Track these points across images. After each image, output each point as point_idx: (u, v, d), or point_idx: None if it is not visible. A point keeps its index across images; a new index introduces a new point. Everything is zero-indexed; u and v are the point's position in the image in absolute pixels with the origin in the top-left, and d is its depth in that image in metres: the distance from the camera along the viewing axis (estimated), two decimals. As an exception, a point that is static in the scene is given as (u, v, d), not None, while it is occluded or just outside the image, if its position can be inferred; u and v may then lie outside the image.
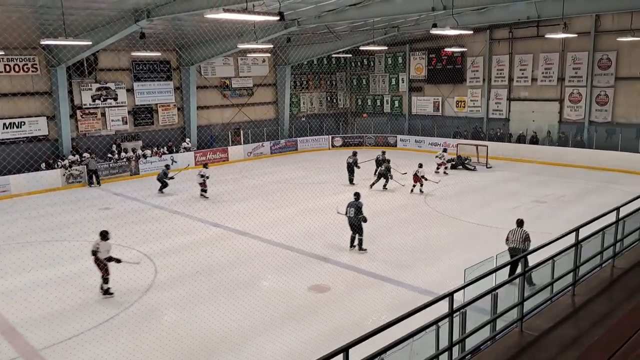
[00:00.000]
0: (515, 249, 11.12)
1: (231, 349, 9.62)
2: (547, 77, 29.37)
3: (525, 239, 11.26)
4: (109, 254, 12.02)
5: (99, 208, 20.39)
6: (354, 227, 14.84)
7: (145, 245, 15.34)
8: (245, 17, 12.11)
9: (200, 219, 18.47)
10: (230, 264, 13.92)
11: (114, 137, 27.76)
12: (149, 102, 29.18)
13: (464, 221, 17.67)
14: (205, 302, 11.59)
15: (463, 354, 5.87)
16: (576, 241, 7.20)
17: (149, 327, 10.51)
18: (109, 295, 12.12)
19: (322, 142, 35.57)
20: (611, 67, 26.97)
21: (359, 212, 14.65)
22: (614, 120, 27.21)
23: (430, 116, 35.18)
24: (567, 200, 20.09)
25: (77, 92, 26.34)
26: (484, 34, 31.36)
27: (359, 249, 14.81)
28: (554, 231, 10.10)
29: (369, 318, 10.77)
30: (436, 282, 12.21)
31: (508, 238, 11.72)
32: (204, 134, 31.37)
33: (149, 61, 28.62)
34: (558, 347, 5.83)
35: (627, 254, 8.70)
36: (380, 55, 37.55)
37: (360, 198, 15.16)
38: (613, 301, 6.97)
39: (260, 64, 34.07)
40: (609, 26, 26.66)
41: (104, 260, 11.96)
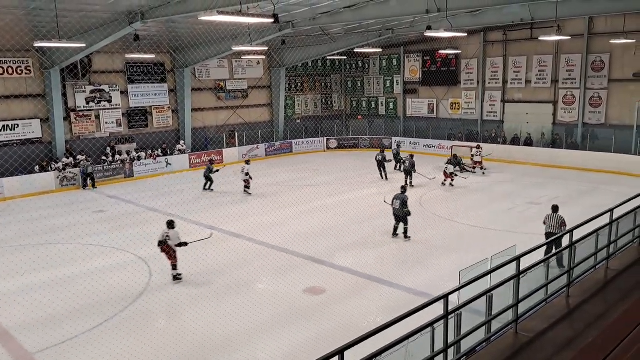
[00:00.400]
0: (552, 233, 11.97)
1: (226, 352, 9.60)
2: (541, 79, 29.49)
3: (562, 224, 12.31)
4: (179, 241, 13.00)
5: (93, 211, 20.32)
6: (398, 217, 16.07)
7: (139, 248, 15.27)
8: (239, 19, 12.11)
9: (195, 222, 18.42)
10: (225, 266, 13.89)
11: (109, 139, 27.67)
12: (144, 104, 29.12)
13: (458, 223, 17.70)
14: (199, 305, 11.56)
15: (458, 356, 5.88)
16: (570, 242, 7.23)
17: (143, 331, 10.47)
18: (179, 279, 13.06)
19: (317, 144, 35.58)
20: (604, 69, 27.10)
21: (404, 205, 15.82)
22: (608, 122, 27.34)
23: (425, 118, 35.24)
24: (561, 202, 20.05)
25: (71, 95, 26.25)
26: (478, 37, 31.46)
27: (405, 237, 15.93)
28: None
29: (364, 320, 10.76)
30: (431, 284, 12.22)
31: (545, 222, 13.15)
32: (199, 136, 31.33)
33: (143, 63, 28.57)
34: (553, 349, 5.84)
35: (621, 255, 8.73)
36: (375, 58, 37.61)
37: (406, 192, 16.47)
38: (607, 302, 6.99)
39: (254, 66, 34.06)
40: (602, 28, 26.79)
41: (174, 247, 12.95)
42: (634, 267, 8.19)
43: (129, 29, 19.84)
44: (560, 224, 12.23)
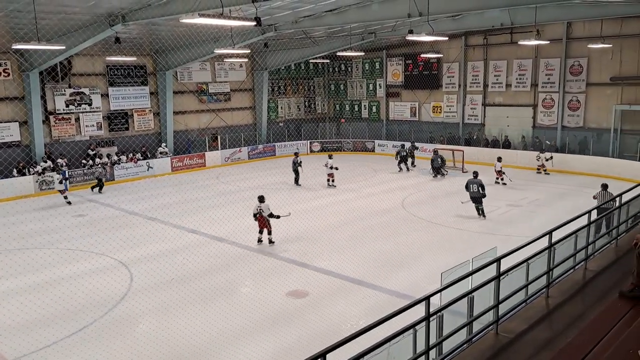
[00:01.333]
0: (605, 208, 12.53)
1: (209, 357, 9.55)
2: (521, 83, 29.83)
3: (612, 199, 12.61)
4: (269, 211, 15.72)
5: (73, 215, 20.10)
6: (476, 199, 18.44)
7: (120, 252, 15.16)
8: (221, 22, 12.07)
9: (177, 226, 18.33)
10: (208, 270, 13.83)
11: (89, 142, 27.39)
12: (124, 107, 28.90)
13: (440, 225, 17.83)
14: (181, 309, 11.49)
15: (440, 357, 5.92)
16: (549, 244, 7.32)
17: (124, 336, 10.38)
18: (272, 243, 15.89)
19: (300, 147, 35.51)
20: (582, 73, 27.50)
21: (482, 188, 18.23)
22: (586, 125, 27.73)
23: (407, 121, 35.44)
24: (540, 204, 20.38)
25: (51, 97, 25.96)
26: (459, 41, 31.75)
27: (482, 216, 18.40)
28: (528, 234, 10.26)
29: (347, 323, 10.78)
30: (412, 285, 12.28)
31: (595, 197, 14.98)
32: (181, 139, 31.16)
33: (124, 66, 28.35)
34: (533, 349, 5.91)
35: (599, 256, 8.86)
36: (357, 61, 37.74)
37: (478, 176, 18.67)
38: (585, 303, 7.09)
39: (237, 69, 33.99)
40: (580, 33, 27.20)
41: (266, 217, 15.68)
42: (611, 268, 8.31)
43: (109, 31, 19.68)
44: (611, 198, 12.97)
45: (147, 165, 27.86)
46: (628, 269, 6.91)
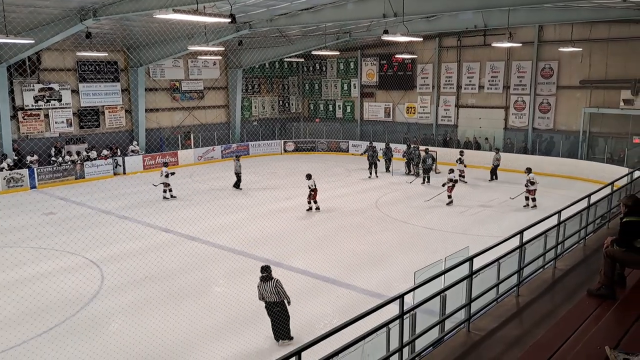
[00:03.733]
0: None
1: (181, 356, 9.48)
2: (494, 85, 30.24)
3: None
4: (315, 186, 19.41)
5: (43, 213, 19.71)
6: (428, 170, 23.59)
7: (91, 251, 14.94)
8: (195, 18, 12.00)
9: (150, 224, 18.13)
10: (180, 269, 13.72)
11: (58, 139, 26.89)
12: (95, 104, 28.45)
13: (413, 225, 17.98)
14: (153, 309, 11.37)
15: (413, 355, 5.97)
16: (520, 243, 7.43)
17: (94, 336, 10.25)
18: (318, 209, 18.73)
19: (274, 146, 35.51)
20: (553, 76, 28.01)
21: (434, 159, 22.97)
22: (556, 127, 28.25)
23: (381, 122, 35.63)
24: (511, 205, 20.68)
25: (19, 93, 25.41)
26: (433, 42, 32.04)
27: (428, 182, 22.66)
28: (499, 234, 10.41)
29: (320, 321, 10.80)
30: (385, 284, 12.37)
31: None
32: (153, 137, 30.80)
33: (95, 62, 27.92)
34: (503, 347, 6.00)
35: (567, 255, 9.02)
36: (332, 60, 37.81)
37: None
38: (554, 301, 7.22)
39: (211, 66, 33.72)
40: (551, 37, 27.70)
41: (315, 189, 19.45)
42: (579, 266, 8.48)
43: (80, 26, 19.36)
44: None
45: (115, 162, 27.46)
46: (595, 268, 7.06)
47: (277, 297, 9.85)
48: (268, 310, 10.01)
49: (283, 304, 9.95)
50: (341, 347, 4.76)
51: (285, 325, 9.97)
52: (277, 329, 9.99)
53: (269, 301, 9.92)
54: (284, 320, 9.95)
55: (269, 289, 9.85)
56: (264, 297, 9.96)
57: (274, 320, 9.99)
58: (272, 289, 9.84)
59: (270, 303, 9.92)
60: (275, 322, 9.98)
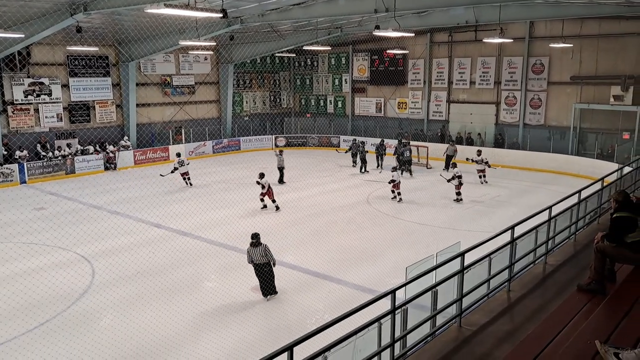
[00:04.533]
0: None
1: (172, 351, 9.47)
2: (485, 81, 30.32)
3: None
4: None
5: (33, 208, 19.60)
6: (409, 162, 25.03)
7: (82, 246, 14.85)
8: (186, 13, 11.93)
9: (141, 220, 18.07)
10: (172, 265, 13.69)
11: (48, 134, 26.69)
12: (86, 98, 28.24)
13: (404, 220, 18.02)
14: (145, 304, 11.35)
15: (404, 350, 6.00)
16: (511, 239, 7.47)
17: (86, 331, 10.22)
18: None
19: (265, 142, 35.44)
20: (544, 72, 28.11)
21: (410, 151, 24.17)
22: (547, 122, 28.39)
23: (372, 117, 35.64)
24: (502, 200, 20.79)
25: (8, 87, 25.19)
26: (424, 37, 32.05)
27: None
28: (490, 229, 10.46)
29: (312, 317, 10.82)
30: (377, 280, 12.40)
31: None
32: (145, 132, 30.65)
33: (86, 56, 27.71)
34: (494, 341, 6.04)
35: (558, 251, 9.09)
36: (323, 56, 37.74)
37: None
38: (545, 296, 7.27)
39: (202, 61, 33.58)
40: (542, 33, 27.79)
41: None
42: (570, 262, 8.54)
43: (70, 20, 19.18)
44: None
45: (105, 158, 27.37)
46: (586, 263, 7.11)
47: (265, 259, 11.63)
48: (257, 271, 11.73)
49: (269, 265, 11.69)
50: (333, 342, 4.78)
51: (272, 283, 11.79)
52: (265, 286, 11.69)
53: (258, 263, 11.63)
54: (270, 278, 11.77)
55: (259, 253, 11.59)
56: (254, 260, 11.66)
57: (263, 279, 11.67)
58: (262, 252, 11.59)
59: (259, 264, 11.65)
60: (263, 281, 11.67)
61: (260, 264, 11.63)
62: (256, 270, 11.76)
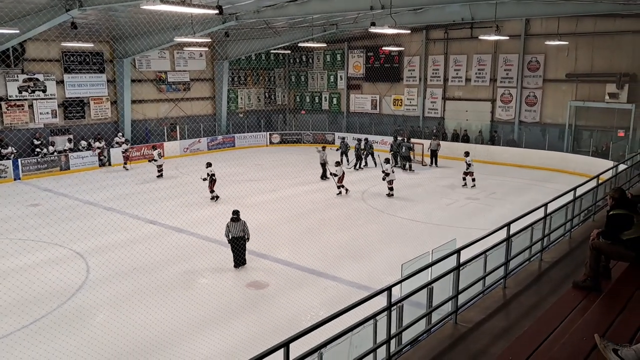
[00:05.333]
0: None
1: (168, 347, 9.45)
2: (480, 78, 30.35)
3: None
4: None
5: (27, 204, 19.51)
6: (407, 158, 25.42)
7: (77, 242, 14.82)
8: (182, 9, 11.88)
9: (135, 216, 18.02)
10: (167, 261, 13.66)
11: (43, 130, 26.56)
12: (81, 95, 28.11)
13: (399, 217, 18.02)
14: (140, 300, 11.33)
15: (400, 347, 5.99)
16: (507, 236, 7.48)
17: (80, 328, 10.18)
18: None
19: (260, 138, 35.40)
20: (540, 70, 28.16)
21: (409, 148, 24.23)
22: (542, 120, 28.44)
23: (368, 114, 35.63)
24: (498, 198, 20.83)
25: (2, 83, 25.02)
26: (420, 34, 32.05)
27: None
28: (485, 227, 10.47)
29: (307, 314, 10.82)
30: (371, 277, 12.42)
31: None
32: (139, 128, 30.54)
33: (80, 52, 27.56)
34: (490, 338, 6.04)
35: (553, 248, 9.09)
36: (319, 52, 37.69)
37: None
38: (540, 293, 7.27)
39: (197, 58, 33.47)
40: (538, 30, 27.83)
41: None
42: (565, 259, 8.55)
43: (65, 16, 19.04)
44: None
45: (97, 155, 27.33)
46: (581, 260, 7.12)
47: (242, 233, 13.32)
48: (232, 244, 13.33)
49: (244, 239, 13.35)
50: (329, 339, 4.77)
51: (243, 255, 13.39)
52: (238, 258, 13.32)
53: (235, 236, 13.28)
54: (243, 251, 13.36)
55: (238, 228, 13.32)
56: (232, 234, 13.29)
57: (237, 252, 13.30)
58: (241, 227, 13.33)
59: (235, 238, 13.29)
60: (237, 253, 13.29)
61: (237, 238, 13.26)
62: (232, 243, 13.33)
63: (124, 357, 9.12)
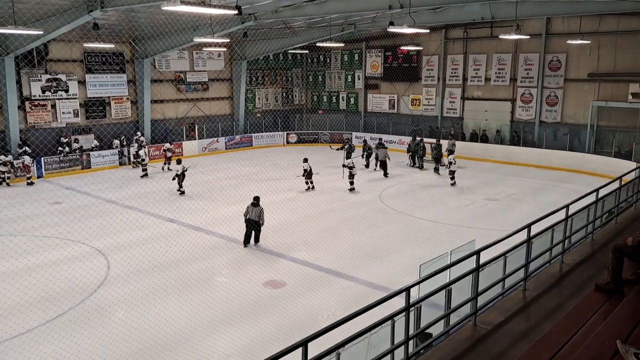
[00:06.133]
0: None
1: (184, 345, 9.51)
2: (500, 77, 30.07)
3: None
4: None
5: (49, 202, 19.77)
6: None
7: (98, 240, 14.99)
8: (203, 10, 11.93)
9: (154, 214, 18.16)
10: (185, 259, 13.75)
11: (62, 129, 26.91)
12: (102, 94, 28.43)
13: (417, 218, 17.93)
14: (158, 298, 11.42)
15: (418, 348, 5.96)
16: (528, 237, 7.40)
17: (100, 324, 10.30)
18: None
19: (277, 138, 35.48)
20: (561, 69, 27.82)
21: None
22: (563, 120, 28.09)
23: (385, 114, 35.51)
24: (517, 199, 20.63)
25: (26, 83, 25.41)
26: (439, 34, 31.85)
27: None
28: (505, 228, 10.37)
29: (324, 313, 10.81)
30: (389, 277, 12.37)
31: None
32: (158, 128, 30.79)
33: (102, 53, 27.88)
34: (510, 341, 5.99)
35: (574, 250, 8.99)
36: (336, 52, 37.64)
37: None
38: (562, 296, 7.20)
39: (215, 58, 33.64)
40: (560, 29, 27.49)
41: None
42: (587, 261, 8.45)
43: (87, 17, 19.30)
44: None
45: (121, 153, 27.61)
46: (603, 263, 7.03)
47: (258, 218, 14.75)
48: (248, 224, 14.74)
49: (259, 224, 14.83)
50: (348, 338, 4.77)
51: (257, 237, 15.01)
52: (247, 238, 14.88)
53: (251, 219, 14.67)
54: (257, 234, 14.96)
55: (256, 212, 14.70)
56: (249, 216, 14.67)
57: (249, 232, 14.84)
58: (258, 213, 14.72)
59: (251, 220, 14.70)
60: (248, 234, 14.84)
61: (253, 221, 14.67)
62: (247, 224, 14.73)
63: (143, 354, 9.19)
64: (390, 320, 5.51)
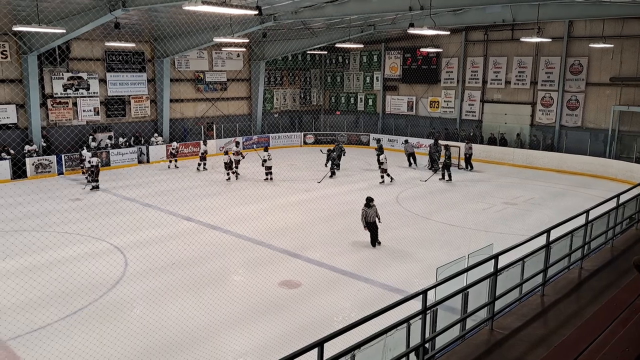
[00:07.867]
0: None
1: (200, 343, 9.56)
2: (520, 80, 29.82)
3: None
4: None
5: (69, 199, 20.03)
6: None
7: (116, 237, 15.15)
8: (223, 10, 11.99)
9: (172, 212, 18.30)
10: (201, 257, 13.83)
11: (88, 130, 27.24)
12: (122, 93, 28.74)
13: (435, 221, 17.83)
14: (175, 295, 11.50)
15: (434, 352, 5.94)
16: (547, 242, 7.33)
17: (118, 320, 10.40)
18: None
19: (295, 139, 35.53)
20: (582, 73, 27.50)
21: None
22: (584, 125, 27.77)
23: (403, 115, 35.39)
24: (536, 203, 20.43)
25: (48, 81, 25.77)
26: (459, 36, 31.68)
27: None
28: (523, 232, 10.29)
29: (338, 315, 10.81)
30: (405, 280, 12.32)
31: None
32: (177, 127, 31.02)
33: (122, 52, 28.18)
34: (527, 346, 5.94)
35: (594, 256, 8.89)
36: (355, 53, 37.62)
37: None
38: (580, 302, 7.12)
39: (234, 58, 33.81)
40: (582, 32, 27.19)
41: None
42: (606, 268, 8.35)
43: (109, 16, 19.51)
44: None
45: (140, 151, 27.88)
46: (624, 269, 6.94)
47: (376, 218, 14.84)
48: (369, 227, 14.79)
49: (376, 224, 14.89)
50: (364, 340, 4.77)
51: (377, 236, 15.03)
52: (374, 239, 14.94)
53: (370, 221, 14.72)
54: (377, 233, 14.97)
55: (372, 213, 14.75)
56: (367, 219, 14.71)
57: (373, 234, 14.88)
58: (375, 213, 14.78)
59: (370, 223, 14.74)
60: (374, 235, 14.91)
61: (371, 223, 14.71)
62: (369, 227, 14.76)
63: (159, 350, 9.27)
64: (406, 323, 5.49)
